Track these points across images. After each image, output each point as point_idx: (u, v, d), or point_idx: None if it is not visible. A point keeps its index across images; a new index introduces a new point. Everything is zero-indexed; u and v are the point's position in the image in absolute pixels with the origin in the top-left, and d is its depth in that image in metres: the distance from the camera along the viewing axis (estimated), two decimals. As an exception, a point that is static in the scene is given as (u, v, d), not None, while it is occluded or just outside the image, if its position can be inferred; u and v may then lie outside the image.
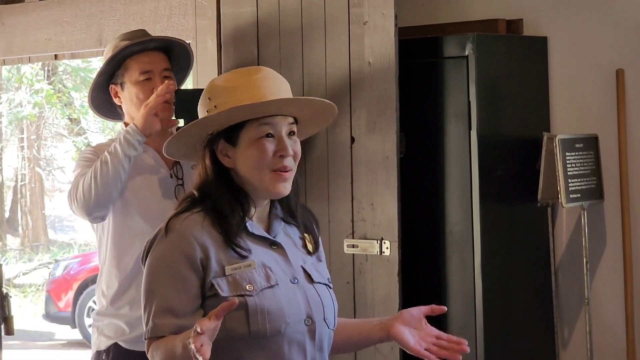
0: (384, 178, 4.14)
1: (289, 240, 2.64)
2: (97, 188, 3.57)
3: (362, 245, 4.20)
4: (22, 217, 18.29)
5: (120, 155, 3.59)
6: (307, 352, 2.54)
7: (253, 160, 2.52)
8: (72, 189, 3.66)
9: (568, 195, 4.38)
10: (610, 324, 4.57)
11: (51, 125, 18.16)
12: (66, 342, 11.63)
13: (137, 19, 5.24)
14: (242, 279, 2.48)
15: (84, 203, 3.60)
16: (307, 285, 2.58)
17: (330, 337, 2.63)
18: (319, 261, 2.69)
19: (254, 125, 2.52)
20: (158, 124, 3.64)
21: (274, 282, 2.51)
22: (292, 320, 2.50)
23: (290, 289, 2.54)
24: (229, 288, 2.47)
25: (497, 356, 4.37)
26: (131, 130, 3.62)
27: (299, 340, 2.52)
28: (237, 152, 2.54)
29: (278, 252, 2.58)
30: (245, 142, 2.52)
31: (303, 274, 2.59)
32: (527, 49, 4.64)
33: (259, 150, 2.51)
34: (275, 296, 2.49)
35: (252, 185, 2.54)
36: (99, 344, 3.76)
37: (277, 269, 2.54)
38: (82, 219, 3.77)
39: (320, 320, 2.57)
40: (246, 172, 2.53)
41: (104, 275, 3.77)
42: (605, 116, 4.57)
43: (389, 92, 4.12)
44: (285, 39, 4.38)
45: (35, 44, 5.70)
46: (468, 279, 4.34)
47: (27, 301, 14.17)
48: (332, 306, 2.63)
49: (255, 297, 2.47)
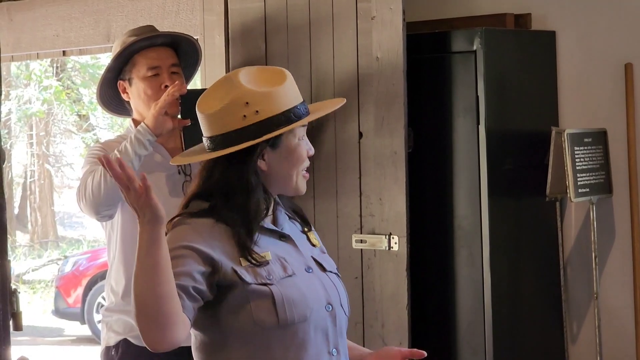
0: (392, 173, 4.14)
1: (295, 231, 2.67)
2: (107, 186, 3.57)
3: (371, 240, 4.20)
4: (31, 214, 18.33)
5: (131, 154, 3.59)
6: (329, 337, 2.56)
7: (294, 163, 2.57)
8: (80, 187, 3.66)
9: (577, 189, 4.37)
10: (619, 319, 4.56)
11: (60, 122, 18.19)
12: (75, 338, 11.65)
13: (145, 15, 5.24)
14: (260, 269, 2.49)
15: (92, 201, 3.60)
16: (320, 273, 2.61)
17: (346, 323, 2.65)
18: (323, 253, 2.72)
19: (296, 127, 2.56)
20: (169, 123, 3.64)
21: (290, 271, 2.53)
22: (315, 306, 2.52)
23: (306, 277, 2.56)
24: (250, 276, 2.47)
25: (505, 351, 4.37)
26: (142, 129, 3.62)
27: (323, 326, 2.54)
28: (276, 155, 2.55)
29: (288, 244, 2.61)
30: (286, 145, 2.55)
31: (315, 263, 2.62)
32: (536, 44, 4.63)
33: (301, 152, 2.58)
34: (295, 285, 2.51)
35: (279, 185, 2.59)
36: (108, 340, 3.77)
37: (290, 260, 2.56)
38: (90, 218, 3.78)
39: (338, 306, 2.60)
40: (281, 174, 2.57)
41: (113, 271, 3.78)
42: (614, 110, 4.56)
43: (397, 87, 4.12)
44: (293, 34, 4.38)
45: (44, 40, 5.71)
46: (476, 273, 4.34)
47: (36, 297, 14.20)
48: (345, 294, 2.66)
49: (277, 285, 2.48)
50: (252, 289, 2.47)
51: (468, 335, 4.39)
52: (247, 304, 2.47)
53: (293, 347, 2.49)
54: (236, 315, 2.48)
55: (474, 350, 4.37)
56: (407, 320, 4.11)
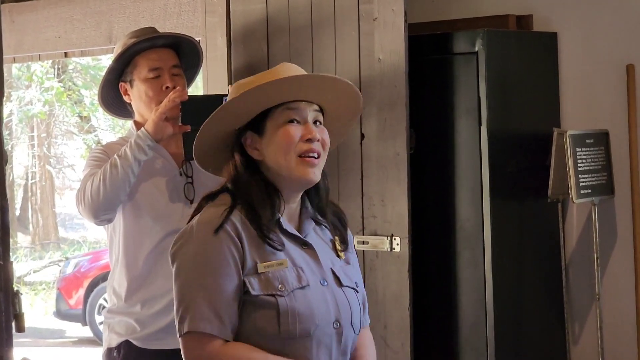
0: (395, 174, 4.14)
1: (319, 241, 2.62)
2: (106, 191, 3.57)
3: (373, 242, 4.20)
4: (33, 215, 18.34)
5: (131, 160, 3.59)
6: (332, 355, 2.53)
7: (280, 146, 2.50)
8: (79, 191, 3.66)
9: (578, 190, 4.37)
10: (621, 320, 4.56)
11: (61, 123, 18.20)
12: (77, 340, 11.65)
13: (147, 17, 5.24)
14: (274, 277, 2.46)
15: (91, 205, 3.60)
16: (335, 288, 2.56)
17: (355, 341, 2.61)
18: (347, 264, 2.66)
19: (279, 111, 2.52)
20: (169, 128, 3.64)
21: (305, 283, 2.49)
22: (322, 322, 2.49)
23: (320, 291, 2.52)
24: (260, 287, 2.46)
25: (508, 352, 4.37)
26: (142, 134, 3.62)
27: (327, 343, 2.51)
28: (265, 141, 2.52)
29: (309, 253, 2.56)
30: (271, 129, 2.52)
31: (332, 276, 2.57)
32: (537, 45, 4.63)
33: (284, 134, 2.50)
34: (305, 297, 2.48)
35: (281, 175, 2.52)
36: (110, 341, 3.77)
37: (307, 270, 2.52)
38: (89, 221, 3.78)
39: (348, 324, 2.55)
40: (274, 161, 2.51)
41: (116, 274, 3.78)
42: (615, 112, 4.56)
43: (399, 88, 4.12)
44: (295, 35, 4.38)
45: (46, 42, 5.71)
46: (478, 274, 4.34)
47: (38, 299, 14.21)
48: (359, 311, 2.61)
49: (286, 297, 2.45)
50: (260, 299, 2.45)
51: (470, 336, 4.39)
52: (253, 312, 2.46)
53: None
54: (240, 320, 2.47)
55: (476, 351, 4.37)
56: (409, 321, 4.11)
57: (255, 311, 2.45)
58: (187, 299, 2.45)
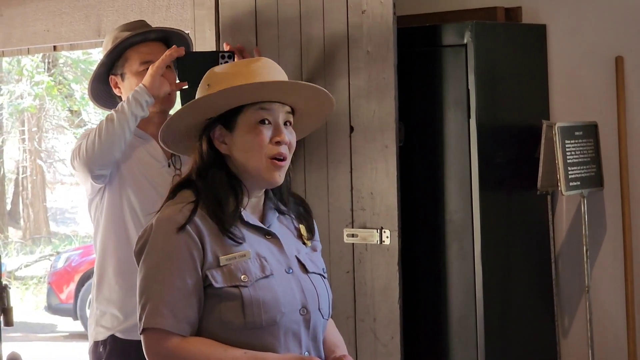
0: (383, 167, 4.14)
1: (284, 230, 2.65)
2: (101, 144, 3.57)
3: (362, 235, 4.19)
4: (24, 210, 18.31)
5: (127, 114, 3.58)
6: (302, 341, 2.54)
7: (250, 145, 2.52)
8: (75, 148, 3.66)
9: (568, 183, 4.37)
10: (611, 312, 4.57)
11: (52, 117, 18.17)
12: (68, 334, 11.65)
13: (136, 10, 5.24)
14: (236, 269, 2.48)
15: (86, 158, 3.60)
16: (301, 275, 2.59)
17: (325, 326, 2.63)
18: (314, 251, 2.69)
19: (252, 110, 2.53)
20: (166, 86, 3.65)
21: (268, 272, 2.52)
22: (288, 310, 2.51)
23: (285, 278, 2.54)
24: (223, 279, 2.47)
25: (497, 344, 4.37)
26: (140, 89, 3.62)
27: (295, 330, 2.53)
28: (234, 138, 2.54)
29: (272, 242, 2.58)
30: (242, 127, 2.54)
31: (297, 264, 2.60)
32: (526, 37, 4.63)
33: (255, 135, 2.52)
34: (270, 286, 2.50)
35: (248, 172, 2.55)
36: (97, 335, 3.77)
37: (271, 259, 2.55)
38: (82, 179, 3.74)
39: (315, 310, 2.57)
40: (242, 158, 2.54)
41: (97, 263, 3.79)
42: (604, 104, 4.56)
43: (388, 80, 4.12)
44: (284, 27, 4.37)
45: (34, 36, 5.70)
46: (468, 267, 4.34)
47: (28, 293, 14.19)
48: (327, 296, 2.63)
49: (250, 287, 2.47)
50: (223, 291, 2.47)
51: (459, 329, 4.39)
52: (217, 305, 2.47)
53: (260, 349, 2.47)
54: (205, 314, 2.48)
55: (465, 343, 4.37)
56: (398, 314, 4.11)
57: (220, 303, 2.46)
58: (144, 296, 2.48)
